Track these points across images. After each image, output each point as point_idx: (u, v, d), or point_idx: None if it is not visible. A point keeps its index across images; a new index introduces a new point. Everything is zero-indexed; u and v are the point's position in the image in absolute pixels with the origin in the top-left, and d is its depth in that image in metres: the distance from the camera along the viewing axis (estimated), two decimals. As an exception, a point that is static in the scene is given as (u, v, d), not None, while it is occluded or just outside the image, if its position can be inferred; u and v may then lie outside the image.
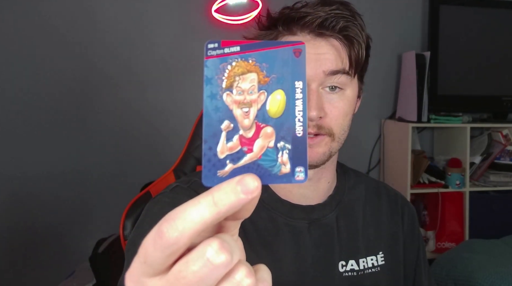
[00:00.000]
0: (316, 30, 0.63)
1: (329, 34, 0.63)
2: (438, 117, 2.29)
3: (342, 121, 0.66)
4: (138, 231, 0.65)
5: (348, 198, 0.76)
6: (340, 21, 0.63)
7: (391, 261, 0.75)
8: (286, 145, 0.28)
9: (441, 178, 2.33)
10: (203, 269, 0.25)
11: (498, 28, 2.43)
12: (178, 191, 0.68)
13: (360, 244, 0.73)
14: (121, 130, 2.23)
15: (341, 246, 0.71)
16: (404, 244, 0.78)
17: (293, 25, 0.64)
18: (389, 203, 0.80)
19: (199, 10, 2.25)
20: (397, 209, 0.80)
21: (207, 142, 0.28)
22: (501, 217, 2.32)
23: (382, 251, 0.74)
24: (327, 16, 0.62)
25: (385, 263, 0.74)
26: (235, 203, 0.25)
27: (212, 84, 0.29)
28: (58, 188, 2.18)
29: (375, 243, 0.75)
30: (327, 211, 0.72)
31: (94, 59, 2.19)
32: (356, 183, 0.80)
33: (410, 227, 0.80)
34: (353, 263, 0.71)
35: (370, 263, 0.72)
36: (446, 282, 1.51)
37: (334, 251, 0.71)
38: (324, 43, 0.64)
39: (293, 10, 0.65)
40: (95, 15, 2.18)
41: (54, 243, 2.17)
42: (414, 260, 0.80)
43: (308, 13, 0.63)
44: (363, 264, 0.72)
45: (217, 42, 0.30)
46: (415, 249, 0.80)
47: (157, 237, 0.25)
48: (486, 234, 1.94)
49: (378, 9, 2.44)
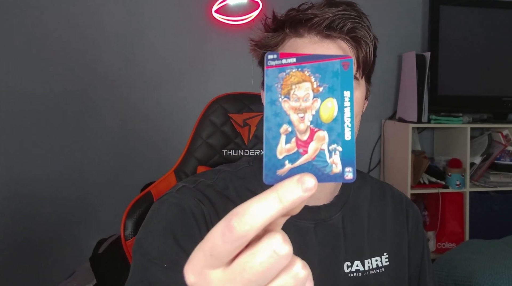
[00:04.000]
0: (324, 32, 0.62)
1: (337, 35, 0.63)
2: (438, 117, 2.29)
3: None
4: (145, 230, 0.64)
5: (354, 198, 0.76)
6: (348, 22, 0.62)
7: (396, 262, 0.75)
8: (337, 147, 0.32)
9: (441, 178, 2.33)
10: (269, 260, 0.27)
11: (498, 28, 2.43)
12: (184, 191, 0.68)
13: (365, 245, 0.73)
14: (122, 130, 2.23)
15: (347, 247, 0.72)
16: (408, 244, 0.78)
17: (300, 27, 0.64)
18: (394, 203, 0.80)
19: (199, 11, 2.25)
20: (402, 209, 0.80)
21: (267, 144, 0.31)
22: (501, 217, 2.32)
23: (386, 252, 0.75)
24: (334, 17, 0.62)
25: (389, 264, 0.74)
26: (297, 199, 0.28)
27: (272, 91, 0.32)
28: (59, 188, 2.18)
29: (380, 244, 0.75)
30: (333, 212, 0.72)
31: (95, 60, 2.19)
32: (361, 183, 0.80)
33: (414, 228, 0.80)
34: (358, 263, 0.71)
35: (375, 264, 0.72)
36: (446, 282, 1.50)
37: (340, 251, 0.71)
38: (332, 45, 0.63)
39: (299, 12, 0.64)
40: (95, 16, 2.18)
41: (54, 243, 2.17)
42: (418, 260, 0.80)
43: (315, 15, 0.62)
44: (368, 264, 0.72)
45: (276, 54, 0.33)
46: (420, 249, 0.80)
47: (227, 231, 0.27)
48: (486, 234, 1.94)
49: (378, 10, 2.44)
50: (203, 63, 2.27)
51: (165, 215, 0.64)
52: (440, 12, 2.34)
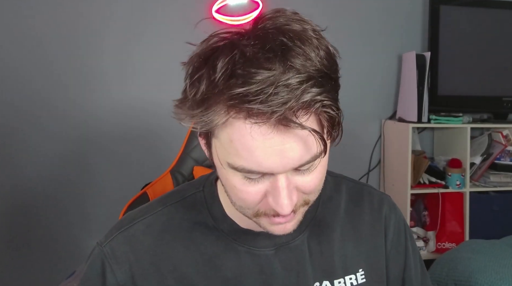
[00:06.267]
0: (276, 124, 0.47)
1: (295, 125, 0.47)
2: (438, 117, 2.29)
3: (318, 188, 0.57)
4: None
5: (322, 213, 0.69)
6: (299, 101, 0.45)
7: (373, 277, 0.69)
8: None
9: (441, 178, 2.33)
10: None
11: (498, 28, 2.43)
12: (109, 247, 0.64)
13: (336, 264, 0.67)
14: (120, 130, 2.23)
15: (314, 268, 0.66)
16: (387, 256, 0.72)
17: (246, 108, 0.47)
18: (372, 211, 0.73)
19: (199, 11, 2.25)
20: (380, 218, 0.73)
21: None
22: (501, 217, 2.32)
23: (362, 268, 0.68)
24: (280, 106, 0.45)
25: (366, 281, 0.68)
26: None
27: None
28: (58, 188, 2.18)
29: (353, 260, 0.68)
30: (296, 232, 0.63)
31: (92, 60, 2.19)
32: (333, 194, 0.72)
33: (396, 236, 0.73)
34: (327, 284, 0.65)
35: (349, 283, 0.67)
36: (446, 283, 1.50)
37: (306, 274, 0.65)
38: (287, 134, 0.48)
39: (240, 83, 0.46)
40: (95, 16, 2.18)
41: (54, 244, 2.18)
42: (400, 272, 0.74)
43: (260, 92, 0.45)
44: (339, 285, 0.66)
45: None
46: (402, 259, 0.74)
47: None
48: (486, 234, 1.94)
49: (378, 9, 2.44)
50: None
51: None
52: (440, 12, 2.33)
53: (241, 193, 0.53)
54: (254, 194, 0.52)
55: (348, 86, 2.40)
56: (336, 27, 2.26)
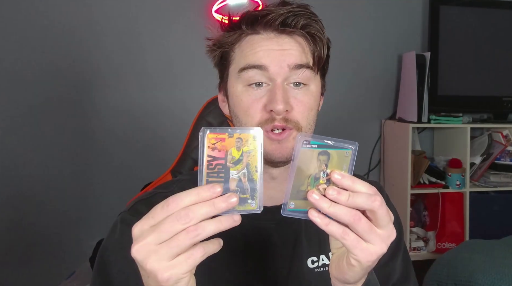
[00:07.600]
0: (279, 27, 0.65)
1: (292, 30, 0.65)
2: (438, 117, 2.29)
3: (308, 115, 0.66)
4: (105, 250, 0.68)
5: None
6: (302, 18, 0.65)
7: None
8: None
9: (441, 178, 2.33)
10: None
11: (498, 28, 2.43)
12: (136, 209, 0.69)
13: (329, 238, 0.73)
14: (121, 131, 2.23)
15: (310, 242, 0.72)
16: None
17: (256, 24, 0.66)
18: None
19: (199, 11, 2.25)
20: None
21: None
22: (501, 217, 2.32)
23: None
24: (289, 14, 0.65)
25: None
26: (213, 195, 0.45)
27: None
28: (58, 189, 2.18)
29: None
30: None
31: (94, 60, 2.19)
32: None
33: None
34: (324, 257, 0.72)
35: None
36: (446, 282, 1.50)
37: (303, 248, 0.72)
38: (288, 39, 0.66)
39: (255, 11, 0.68)
40: (95, 16, 2.18)
41: (55, 244, 2.18)
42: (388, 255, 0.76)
43: (270, 11, 0.65)
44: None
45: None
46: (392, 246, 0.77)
47: (165, 204, 0.45)
48: (486, 234, 1.93)
49: (378, 10, 2.44)
50: (202, 63, 2.26)
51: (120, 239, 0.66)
52: (440, 12, 2.33)
53: (246, 100, 0.65)
54: (256, 100, 0.64)
55: (348, 86, 2.41)
56: (336, 27, 2.26)
